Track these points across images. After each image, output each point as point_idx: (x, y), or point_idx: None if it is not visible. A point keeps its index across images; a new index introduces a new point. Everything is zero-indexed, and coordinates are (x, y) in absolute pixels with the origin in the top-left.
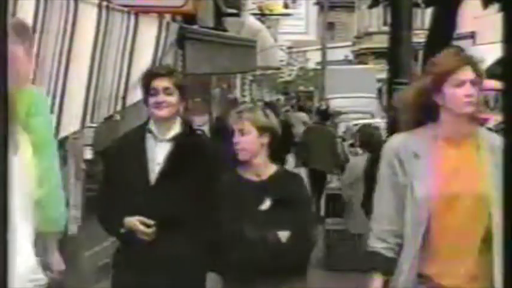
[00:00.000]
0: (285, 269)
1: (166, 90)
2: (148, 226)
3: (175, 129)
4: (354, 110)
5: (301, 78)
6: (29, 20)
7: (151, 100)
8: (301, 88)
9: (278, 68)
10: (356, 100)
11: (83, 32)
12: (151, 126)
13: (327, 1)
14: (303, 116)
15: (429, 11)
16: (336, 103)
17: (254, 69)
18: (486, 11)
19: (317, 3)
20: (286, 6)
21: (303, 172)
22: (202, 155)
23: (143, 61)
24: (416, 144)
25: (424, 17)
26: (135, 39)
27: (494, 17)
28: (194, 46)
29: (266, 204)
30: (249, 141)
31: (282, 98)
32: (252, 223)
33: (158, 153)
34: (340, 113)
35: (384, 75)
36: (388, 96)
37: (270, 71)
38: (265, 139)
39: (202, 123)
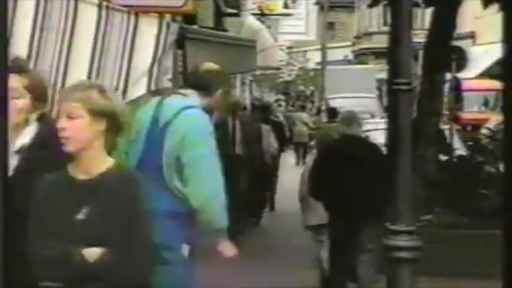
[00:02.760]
0: None
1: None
2: None
3: (23, 138)
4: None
5: (301, 78)
6: (29, 20)
7: None
8: (301, 88)
9: (278, 68)
10: (356, 100)
11: (83, 32)
12: None
13: (327, 1)
14: (303, 116)
15: (429, 11)
16: (336, 103)
17: (254, 69)
18: (486, 11)
19: (317, 3)
20: (286, 6)
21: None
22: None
23: (143, 61)
24: None
25: (424, 17)
26: (135, 39)
27: (494, 17)
28: (194, 46)
29: (83, 212)
30: (79, 128)
31: (282, 97)
32: (64, 237)
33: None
34: (340, 113)
35: (384, 75)
36: (389, 97)
37: (270, 71)
38: (101, 126)
39: None
